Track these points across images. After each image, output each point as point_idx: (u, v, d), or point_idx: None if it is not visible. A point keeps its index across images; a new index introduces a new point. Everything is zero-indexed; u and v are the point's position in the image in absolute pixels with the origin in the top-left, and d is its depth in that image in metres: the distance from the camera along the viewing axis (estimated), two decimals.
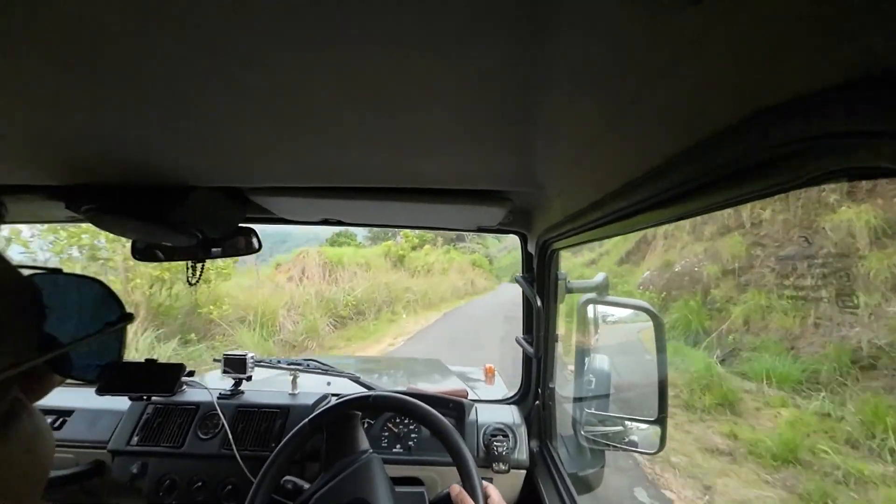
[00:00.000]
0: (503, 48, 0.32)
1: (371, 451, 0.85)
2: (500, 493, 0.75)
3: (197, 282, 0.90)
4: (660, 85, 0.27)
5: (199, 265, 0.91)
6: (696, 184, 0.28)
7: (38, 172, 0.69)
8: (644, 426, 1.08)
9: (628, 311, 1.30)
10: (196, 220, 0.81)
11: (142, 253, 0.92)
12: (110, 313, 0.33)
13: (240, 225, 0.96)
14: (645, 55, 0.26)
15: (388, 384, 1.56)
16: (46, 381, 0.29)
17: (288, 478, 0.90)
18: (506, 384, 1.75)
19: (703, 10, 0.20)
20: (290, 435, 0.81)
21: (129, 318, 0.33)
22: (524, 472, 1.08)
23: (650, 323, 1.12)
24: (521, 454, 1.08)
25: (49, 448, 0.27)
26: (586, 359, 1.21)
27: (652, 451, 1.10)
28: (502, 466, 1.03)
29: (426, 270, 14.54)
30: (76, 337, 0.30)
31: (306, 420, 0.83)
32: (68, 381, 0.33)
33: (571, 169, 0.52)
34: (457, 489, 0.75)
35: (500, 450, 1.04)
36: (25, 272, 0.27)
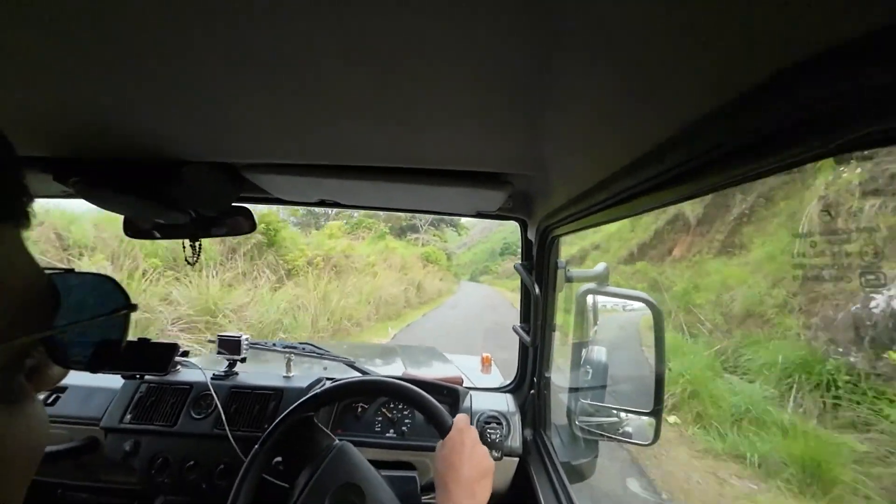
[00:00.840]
0: (515, 15, 0.30)
1: (337, 440, 0.84)
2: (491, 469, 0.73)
3: (195, 262, 0.89)
4: (679, 46, 0.25)
5: (196, 245, 0.90)
6: (717, 154, 0.26)
7: (25, 143, 0.67)
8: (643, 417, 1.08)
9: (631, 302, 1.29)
10: (189, 198, 0.80)
11: (136, 231, 0.91)
12: (115, 304, 0.33)
13: (234, 204, 0.94)
14: (663, 14, 0.24)
15: (384, 370, 1.56)
16: (47, 374, 0.30)
17: (279, 459, 0.90)
18: None
19: None
20: (246, 462, 0.78)
21: (132, 307, 0.33)
22: (517, 459, 1.08)
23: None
24: (515, 442, 1.08)
25: (43, 440, 0.28)
26: (583, 349, 1.20)
27: (646, 443, 1.10)
28: (495, 454, 1.03)
29: (320, 264, 7.65)
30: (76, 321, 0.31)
31: (257, 444, 0.80)
32: None
33: (578, 148, 0.50)
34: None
35: (493, 437, 1.04)
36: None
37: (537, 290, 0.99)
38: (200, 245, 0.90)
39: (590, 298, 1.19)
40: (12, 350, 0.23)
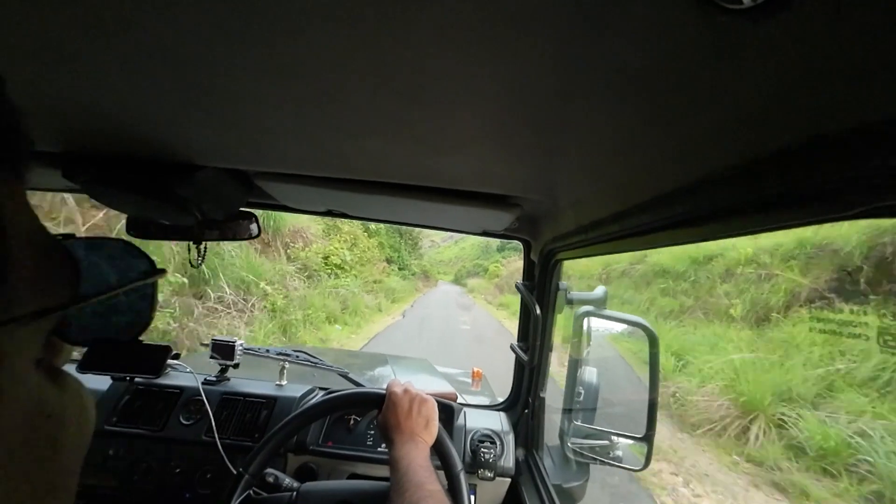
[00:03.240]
0: (545, 49, 0.31)
1: (293, 492, 0.83)
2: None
3: (200, 264, 0.88)
4: (708, 100, 0.26)
5: (201, 246, 0.89)
6: (740, 204, 0.27)
7: (36, 136, 0.66)
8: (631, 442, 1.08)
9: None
10: (198, 201, 0.79)
11: (140, 231, 0.90)
12: (138, 270, 0.30)
13: (241, 209, 0.94)
14: (695, 67, 0.25)
15: (378, 382, 1.55)
16: (58, 353, 0.27)
17: (269, 470, 0.88)
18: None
19: (772, 24, 0.19)
20: None
21: (161, 272, 0.31)
22: (509, 480, 1.07)
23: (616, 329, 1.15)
24: (508, 462, 1.07)
25: (93, 404, 0.27)
26: (578, 371, 1.21)
27: (636, 468, 1.10)
28: (488, 474, 1.02)
29: None
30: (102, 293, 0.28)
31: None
32: None
33: (592, 179, 0.51)
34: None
35: (486, 457, 1.03)
36: None
37: (538, 310, 0.99)
38: (206, 248, 0.90)
39: (586, 321, 1.20)
40: (49, 323, 0.22)
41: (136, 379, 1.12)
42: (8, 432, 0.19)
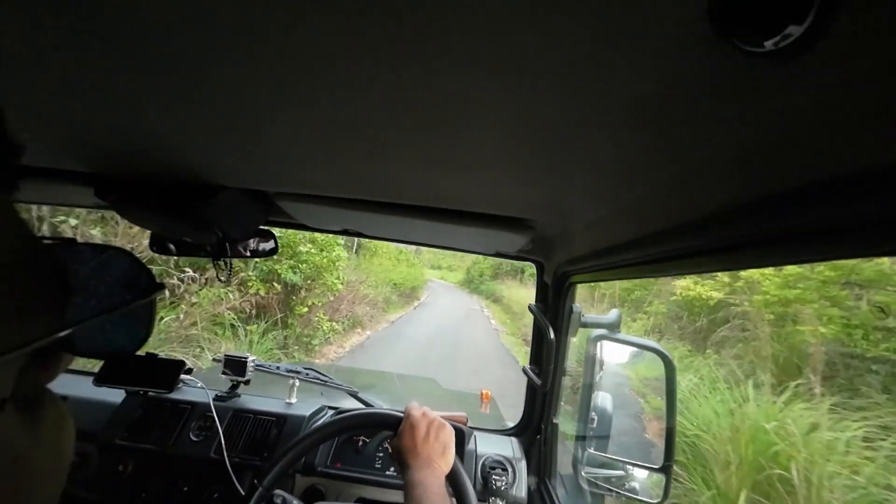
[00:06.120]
0: (559, 77, 0.31)
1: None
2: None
3: (229, 277, 0.90)
4: (718, 134, 0.27)
5: (227, 262, 0.91)
6: (754, 238, 0.27)
7: (73, 158, 0.70)
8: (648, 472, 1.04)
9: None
10: (220, 220, 0.82)
11: (161, 247, 0.93)
12: (138, 285, 0.29)
13: (260, 227, 0.96)
14: (706, 103, 0.25)
15: (387, 402, 1.53)
16: (56, 361, 0.25)
17: (277, 492, 0.87)
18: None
19: (793, 66, 0.19)
20: None
21: (160, 287, 0.30)
22: None
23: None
24: (520, 491, 1.04)
25: (72, 435, 0.25)
26: (591, 396, 1.18)
27: (654, 502, 1.06)
28: (500, 502, 0.99)
29: None
30: (101, 312, 0.27)
31: None
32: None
33: (605, 203, 0.51)
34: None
35: (498, 484, 1.00)
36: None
37: (552, 333, 0.98)
38: (231, 264, 0.92)
39: (599, 345, 1.17)
40: (24, 357, 0.20)
41: (149, 393, 1.14)
42: None
